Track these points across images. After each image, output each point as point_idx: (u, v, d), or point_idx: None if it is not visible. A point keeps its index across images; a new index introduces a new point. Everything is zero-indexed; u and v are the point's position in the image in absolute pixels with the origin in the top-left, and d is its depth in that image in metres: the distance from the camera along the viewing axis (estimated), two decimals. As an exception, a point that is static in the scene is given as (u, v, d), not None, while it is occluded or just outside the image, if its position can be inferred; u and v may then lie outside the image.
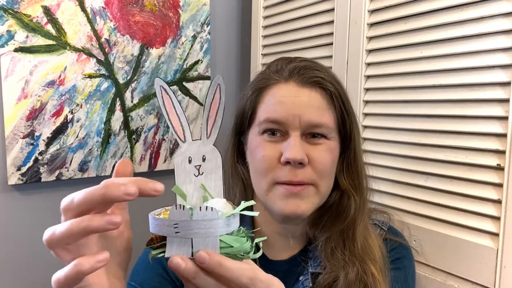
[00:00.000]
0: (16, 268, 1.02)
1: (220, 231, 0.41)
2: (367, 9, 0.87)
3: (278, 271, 0.71)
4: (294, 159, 0.61)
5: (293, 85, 0.65)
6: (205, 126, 0.46)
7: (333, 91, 0.66)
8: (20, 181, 0.99)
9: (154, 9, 1.14)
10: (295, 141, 0.63)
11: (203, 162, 0.46)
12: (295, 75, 0.66)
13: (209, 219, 0.40)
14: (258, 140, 0.66)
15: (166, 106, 0.45)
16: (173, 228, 0.40)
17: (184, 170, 0.45)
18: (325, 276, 0.65)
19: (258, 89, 0.68)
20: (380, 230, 0.72)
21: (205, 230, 0.40)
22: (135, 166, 1.15)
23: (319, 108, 0.65)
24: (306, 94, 0.65)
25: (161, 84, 0.45)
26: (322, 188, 0.65)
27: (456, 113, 0.73)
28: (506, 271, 0.66)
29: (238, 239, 0.43)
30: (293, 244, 0.72)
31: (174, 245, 0.40)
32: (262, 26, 1.21)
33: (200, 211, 0.40)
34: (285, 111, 0.64)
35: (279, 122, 0.64)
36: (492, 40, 0.67)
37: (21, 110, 0.98)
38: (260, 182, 0.66)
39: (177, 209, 0.40)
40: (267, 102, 0.67)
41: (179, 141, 0.45)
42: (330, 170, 0.66)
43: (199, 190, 0.46)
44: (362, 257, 0.65)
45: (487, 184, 0.69)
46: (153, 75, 1.15)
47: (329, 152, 0.65)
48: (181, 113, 0.46)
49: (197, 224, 0.40)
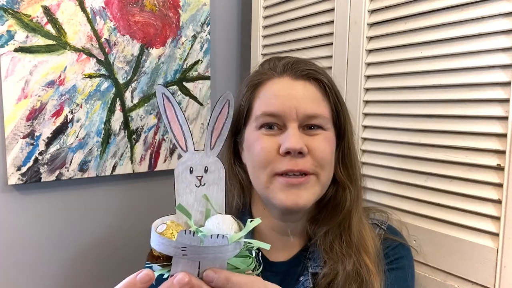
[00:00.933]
0: (16, 268, 1.02)
1: (229, 255, 0.40)
2: (367, 9, 0.87)
3: (278, 272, 0.71)
4: (293, 149, 0.62)
5: (288, 79, 0.67)
6: (209, 137, 0.45)
7: (326, 82, 0.67)
8: (20, 181, 0.99)
9: (154, 9, 1.14)
10: (294, 131, 0.63)
11: (205, 173, 0.45)
12: (289, 70, 0.67)
13: (219, 245, 0.39)
14: (256, 135, 0.67)
15: (168, 114, 0.45)
16: (181, 250, 0.39)
17: (184, 179, 0.44)
18: (325, 273, 0.65)
19: (253, 86, 0.69)
20: (380, 230, 0.72)
21: (213, 255, 0.40)
22: (135, 166, 1.15)
23: (315, 99, 0.66)
24: (300, 86, 0.66)
25: (163, 92, 0.44)
26: (322, 178, 0.66)
27: (456, 113, 0.73)
28: (506, 271, 0.66)
29: (244, 261, 0.42)
30: (293, 243, 0.72)
31: (180, 265, 0.40)
32: (262, 26, 1.21)
33: (211, 239, 0.39)
34: (282, 103, 0.64)
35: (276, 115, 0.65)
36: (492, 40, 0.67)
37: (21, 110, 0.98)
38: (259, 176, 0.66)
39: (186, 234, 0.39)
40: (262, 97, 0.67)
41: (180, 151, 0.45)
42: (330, 160, 0.67)
43: (200, 201, 0.45)
44: (357, 248, 0.66)
45: (487, 184, 0.69)
46: (153, 75, 1.15)
47: (327, 142, 0.66)
48: (184, 122, 0.45)
49: (206, 249, 0.39)
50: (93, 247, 1.13)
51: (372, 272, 0.64)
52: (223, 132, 0.46)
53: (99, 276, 1.13)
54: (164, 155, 1.20)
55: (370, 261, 0.65)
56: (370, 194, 0.89)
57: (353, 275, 0.63)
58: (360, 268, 0.64)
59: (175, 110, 0.45)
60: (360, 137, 0.90)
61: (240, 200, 0.73)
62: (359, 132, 0.90)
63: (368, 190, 0.90)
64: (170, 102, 0.44)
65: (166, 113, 0.45)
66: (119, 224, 1.16)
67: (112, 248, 1.15)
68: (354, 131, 0.74)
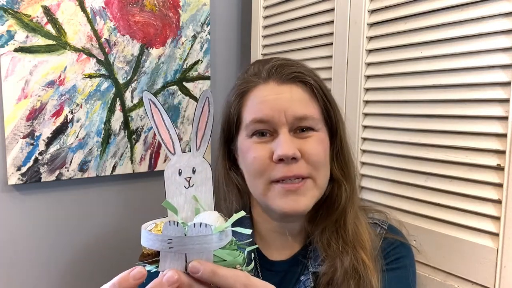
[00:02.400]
0: (16, 267, 1.02)
1: (213, 246, 0.41)
2: (367, 9, 0.87)
3: (278, 272, 0.71)
4: (286, 155, 0.61)
5: (273, 84, 0.66)
6: (194, 138, 0.46)
7: (313, 83, 0.67)
8: (20, 181, 0.99)
9: (154, 9, 1.14)
10: (285, 137, 0.63)
11: (193, 174, 0.46)
12: (274, 74, 0.67)
13: (203, 235, 0.40)
14: (248, 143, 0.67)
15: (155, 119, 0.46)
16: (167, 243, 0.40)
17: (174, 182, 0.45)
18: (325, 271, 0.66)
19: (239, 94, 0.69)
20: (381, 229, 0.72)
21: (199, 246, 0.40)
22: (135, 166, 1.15)
23: (302, 101, 0.66)
24: (287, 90, 0.66)
25: (149, 97, 0.45)
26: (319, 181, 0.66)
27: (456, 113, 0.73)
28: (506, 271, 0.66)
29: (231, 253, 0.43)
30: (292, 242, 0.72)
31: (167, 259, 0.40)
32: (262, 26, 1.21)
33: (194, 228, 0.40)
34: (270, 108, 0.64)
35: (265, 120, 0.64)
36: (492, 40, 0.67)
37: (21, 110, 0.98)
38: (256, 184, 0.66)
39: (170, 225, 0.40)
40: (250, 104, 0.67)
41: (168, 154, 0.46)
42: (325, 161, 0.67)
43: (190, 202, 0.46)
44: (353, 244, 0.66)
45: (487, 184, 0.69)
46: (153, 75, 1.15)
47: (320, 143, 0.66)
48: (170, 126, 0.46)
49: (191, 240, 0.40)
50: (93, 247, 1.13)
51: (369, 268, 0.64)
52: (207, 131, 0.47)
53: (99, 275, 1.13)
54: (164, 155, 1.20)
55: (367, 257, 0.65)
56: (370, 194, 0.89)
57: (351, 272, 0.63)
58: (357, 265, 0.64)
59: (162, 115, 0.46)
60: (360, 137, 0.90)
61: (239, 205, 0.73)
62: (359, 132, 0.90)
63: (368, 190, 0.90)
64: (156, 107, 0.46)
65: (153, 118, 0.46)
66: (119, 224, 1.16)
67: (112, 248, 1.15)
68: (347, 129, 0.74)
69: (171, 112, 1.19)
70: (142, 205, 1.20)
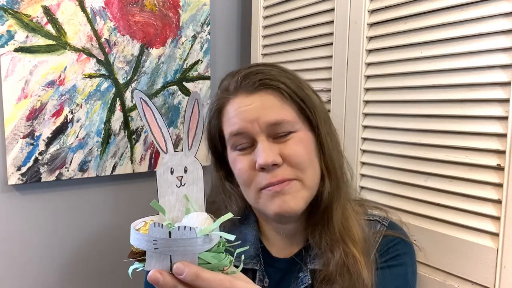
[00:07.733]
0: (16, 267, 1.02)
1: (198, 248, 0.41)
2: (367, 9, 0.87)
3: (280, 268, 0.73)
4: (266, 164, 0.63)
5: (242, 96, 0.67)
6: (186, 138, 0.47)
7: (281, 87, 0.66)
8: (20, 181, 0.99)
9: (154, 9, 1.14)
10: (263, 146, 0.64)
11: (185, 173, 0.46)
12: (241, 86, 0.68)
13: (187, 238, 0.40)
14: (233, 155, 0.69)
15: (148, 118, 0.46)
16: (152, 244, 0.40)
17: (166, 180, 0.46)
18: (320, 268, 0.67)
19: (215, 112, 0.71)
20: (381, 226, 0.72)
21: (183, 248, 0.40)
22: (135, 166, 1.15)
23: (274, 107, 0.66)
24: (257, 99, 0.66)
25: (141, 96, 0.46)
26: (307, 181, 0.66)
27: (456, 113, 0.73)
28: (506, 271, 0.66)
29: (216, 256, 0.43)
30: (291, 242, 0.73)
31: (153, 259, 0.41)
32: (262, 26, 1.21)
33: (179, 231, 0.40)
34: (242, 120, 0.65)
35: (240, 132, 0.66)
36: (492, 40, 0.67)
37: (21, 110, 0.98)
38: (247, 193, 0.69)
39: (155, 226, 0.40)
40: (225, 119, 0.69)
41: (161, 152, 0.46)
42: (309, 160, 0.67)
43: (181, 201, 0.46)
44: (343, 239, 0.66)
45: (487, 184, 0.69)
46: (153, 75, 1.15)
47: (300, 144, 0.66)
48: (163, 125, 0.47)
49: (175, 242, 0.40)
50: (93, 247, 1.13)
51: (360, 262, 0.65)
52: (198, 131, 0.47)
53: (99, 275, 1.13)
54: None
55: (358, 251, 0.66)
56: (370, 194, 0.89)
57: (341, 266, 0.64)
58: (346, 259, 0.65)
59: (154, 113, 0.46)
60: (360, 137, 0.90)
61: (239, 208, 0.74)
62: (359, 132, 0.90)
63: (368, 190, 0.90)
64: (148, 106, 0.46)
65: (145, 117, 0.46)
66: (119, 224, 1.16)
67: (112, 248, 1.15)
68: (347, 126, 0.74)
69: (171, 112, 1.19)
70: (142, 205, 1.20)
